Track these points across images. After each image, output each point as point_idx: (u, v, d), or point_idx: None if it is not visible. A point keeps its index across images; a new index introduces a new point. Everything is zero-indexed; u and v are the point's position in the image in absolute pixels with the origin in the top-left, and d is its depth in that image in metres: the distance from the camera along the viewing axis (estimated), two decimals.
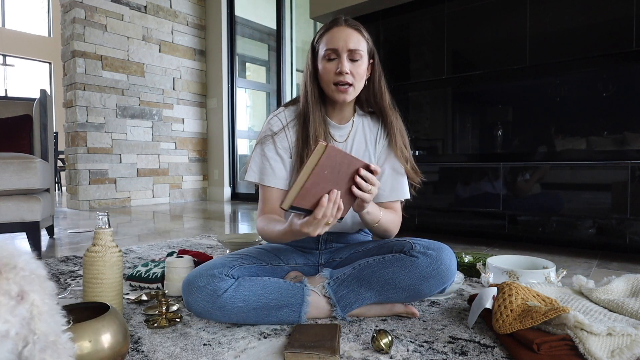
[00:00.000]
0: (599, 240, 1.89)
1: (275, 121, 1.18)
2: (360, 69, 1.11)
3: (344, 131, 1.21)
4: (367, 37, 1.14)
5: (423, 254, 1.02)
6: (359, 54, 1.10)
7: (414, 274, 1.01)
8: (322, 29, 1.14)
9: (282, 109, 1.21)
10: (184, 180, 4.92)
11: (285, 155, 1.16)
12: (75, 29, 3.99)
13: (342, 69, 1.08)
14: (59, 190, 6.97)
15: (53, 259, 1.88)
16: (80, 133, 4.04)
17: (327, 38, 1.10)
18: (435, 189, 2.31)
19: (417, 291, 1.02)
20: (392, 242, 1.10)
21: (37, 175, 1.96)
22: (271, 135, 1.16)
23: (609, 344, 0.79)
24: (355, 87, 1.12)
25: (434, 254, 1.02)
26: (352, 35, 1.09)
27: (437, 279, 1.01)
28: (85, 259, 1.05)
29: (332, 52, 1.09)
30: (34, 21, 9.10)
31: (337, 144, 1.19)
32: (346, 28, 1.10)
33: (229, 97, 4.96)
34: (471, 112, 2.32)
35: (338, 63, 1.09)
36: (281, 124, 1.17)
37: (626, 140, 1.80)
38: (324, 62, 1.11)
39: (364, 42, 1.12)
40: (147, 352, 0.90)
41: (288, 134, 1.17)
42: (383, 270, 1.03)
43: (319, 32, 1.15)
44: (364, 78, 1.15)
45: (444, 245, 1.06)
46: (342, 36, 1.09)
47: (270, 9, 4.63)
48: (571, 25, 1.91)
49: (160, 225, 3.03)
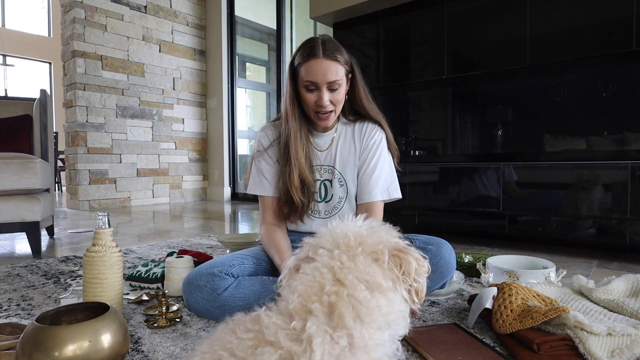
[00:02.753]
0: (599, 240, 1.88)
1: (263, 137, 1.26)
2: (340, 95, 1.15)
3: (327, 138, 1.26)
4: (345, 59, 1.15)
5: (422, 249, 1.01)
6: (337, 84, 1.13)
7: None
8: (300, 56, 1.14)
9: (270, 125, 1.28)
10: (184, 180, 4.92)
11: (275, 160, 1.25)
12: (75, 29, 3.99)
13: (321, 102, 1.12)
14: (59, 190, 6.97)
15: (53, 259, 1.88)
16: (80, 133, 4.04)
17: (306, 69, 1.12)
18: (435, 189, 2.31)
19: None
20: None
21: (37, 175, 1.96)
22: (262, 151, 1.25)
23: (609, 344, 0.79)
24: (336, 111, 1.18)
25: (434, 249, 1.03)
26: (330, 67, 1.11)
27: (436, 274, 1.03)
28: (85, 259, 1.05)
29: (311, 84, 1.13)
30: (34, 21, 9.09)
31: (321, 153, 1.25)
32: (324, 60, 1.11)
33: (229, 97, 4.96)
34: (471, 112, 2.32)
35: (318, 95, 1.13)
36: (269, 140, 1.25)
37: (626, 140, 1.80)
38: (304, 92, 1.15)
39: (341, 69, 1.13)
40: (147, 352, 0.90)
41: (276, 149, 1.25)
42: None
43: (298, 60, 1.15)
44: (344, 99, 1.19)
45: (443, 240, 1.07)
46: (320, 70, 1.10)
47: (270, 9, 4.63)
48: (571, 25, 1.91)
49: (160, 225, 3.03)
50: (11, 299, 1.30)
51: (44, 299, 1.30)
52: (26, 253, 2.08)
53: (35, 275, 1.60)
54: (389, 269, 0.63)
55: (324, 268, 0.60)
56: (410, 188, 2.33)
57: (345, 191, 1.23)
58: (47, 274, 1.62)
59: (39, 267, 1.72)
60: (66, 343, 0.68)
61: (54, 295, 1.33)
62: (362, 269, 0.60)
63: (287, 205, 1.21)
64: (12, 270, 1.69)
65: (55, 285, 1.45)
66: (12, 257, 1.99)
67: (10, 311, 1.19)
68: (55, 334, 0.69)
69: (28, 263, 1.81)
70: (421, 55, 2.42)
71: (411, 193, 2.34)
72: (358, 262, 0.61)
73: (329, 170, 1.24)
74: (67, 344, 0.68)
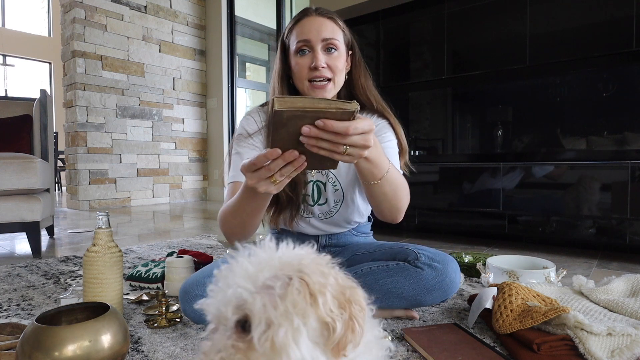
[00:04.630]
0: (599, 240, 1.88)
1: (250, 122, 1.09)
2: (338, 61, 1.01)
3: None
4: (343, 26, 1.05)
5: (428, 265, 0.99)
6: (334, 44, 0.99)
7: (418, 285, 0.99)
8: (291, 22, 1.04)
9: (258, 109, 1.13)
10: (184, 180, 4.92)
11: (262, 147, 1.06)
12: (75, 29, 3.99)
13: (317, 63, 0.97)
14: (59, 190, 6.97)
15: (53, 259, 1.88)
16: (80, 133, 4.04)
17: (297, 30, 1.00)
18: (435, 189, 2.31)
19: (419, 301, 1.01)
20: (396, 249, 1.07)
21: (37, 175, 1.96)
22: (246, 136, 1.07)
23: (609, 344, 0.79)
24: (336, 82, 1.02)
25: (440, 267, 0.99)
26: (325, 23, 0.99)
27: (440, 292, 1.00)
28: (85, 259, 1.05)
29: (304, 45, 0.99)
30: (34, 21, 9.09)
31: None
32: (318, 17, 1.00)
33: (229, 97, 4.96)
34: (471, 112, 2.31)
35: (312, 57, 0.99)
36: (257, 126, 1.08)
37: (626, 140, 1.80)
38: (297, 58, 1.00)
39: (339, 31, 1.02)
40: (147, 352, 0.90)
41: (264, 137, 1.07)
42: (386, 279, 1.00)
43: (289, 25, 1.04)
44: (343, 72, 1.04)
45: (450, 256, 1.03)
46: (314, 26, 0.99)
47: (270, 9, 4.63)
48: (571, 25, 1.91)
49: (160, 225, 3.03)
50: (11, 299, 1.30)
51: (44, 299, 1.30)
52: (26, 253, 2.08)
53: (35, 275, 1.60)
54: None
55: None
56: (410, 188, 2.33)
57: (341, 195, 1.11)
58: (47, 274, 1.62)
59: (39, 267, 1.72)
60: (66, 343, 0.68)
61: (54, 295, 1.33)
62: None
63: (273, 204, 1.06)
64: (12, 270, 1.69)
65: (55, 285, 1.45)
66: (12, 257, 1.99)
67: (10, 311, 1.19)
68: (55, 334, 0.69)
69: (28, 263, 1.81)
70: (421, 55, 2.42)
71: (411, 193, 2.33)
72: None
73: (321, 171, 1.11)
74: (67, 344, 0.68)
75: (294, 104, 0.60)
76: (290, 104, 0.60)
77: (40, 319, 0.75)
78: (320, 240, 1.20)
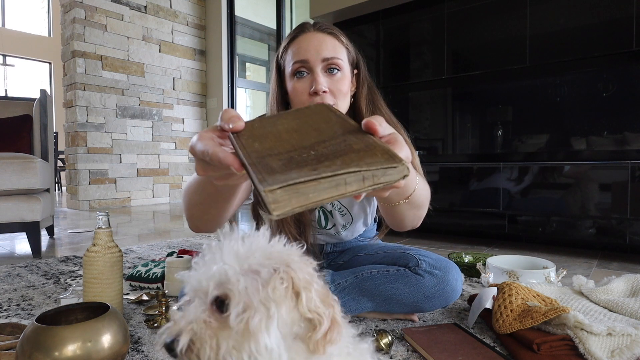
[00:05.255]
0: (599, 240, 1.88)
1: None
2: (342, 84, 0.87)
3: None
4: (347, 42, 0.92)
5: (429, 273, 0.98)
6: (337, 64, 0.86)
7: (419, 292, 0.98)
8: (286, 39, 0.91)
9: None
10: (184, 180, 4.92)
11: None
12: (75, 29, 3.99)
13: (317, 87, 0.84)
14: (59, 190, 6.97)
15: (53, 259, 1.88)
16: (80, 133, 4.04)
17: (293, 49, 0.88)
18: (435, 189, 2.31)
19: (419, 308, 1.01)
20: (397, 253, 1.06)
21: (37, 175, 1.96)
22: None
23: (609, 344, 0.79)
24: (339, 108, 0.87)
25: (440, 275, 0.98)
26: (325, 41, 0.86)
27: (441, 299, 0.99)
28: (85, 259, 1.05)
29: (301, 66, 0.86)
30: (34, 21, 9.10)
31: None
32: (317, 33, 0.87)
33: (229, 97, 4.96)
34: (471, 112, 2.31)
35: (311, 80, 0.86)
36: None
37: (626, 140, 1.80)
38: (293, 81, 0.88)
39: (342, 48, 0.89)
40: (147, 352, 0.90)
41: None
42: (387, 284, 1.00)
43: (283, 44, 0.91)
44: (348, 95, 0.91)
45: (451, 263, 1.02)
46: (312, 43, 0.86)
47: (270, 9, 4.63)
48: (571, 25, 1.91)
49: (160, 225, 3.03)
50: (11, 299, 1.30)
51: (44, 299, 1.30)
52: (26, 253, 2.08)
53: (35, 275, 1.60)
54: None
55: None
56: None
57: (350, 219, 1.08)
58: (47, 274, 1.62)
59: (39, 267, 1.72)
60: (66, 343, 0.68)
61: (54, 295, 1.33)
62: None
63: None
64: (12, 270, 1.69)
65: (55, 285, 1.45)
66: (12, 257, 1.99)
67: (10, 311, 1.19)
68: (55, 334, 0.69)
69: (28, 263, 1.81)
70: (421, 55, 2.42)
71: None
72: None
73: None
74: (67, 344, 0.68)
75: (299, 201, 0.36)
76: (290, 207, 0.36)
77: (40, 319, 0.75)
78: (325, 248, 1.20)
